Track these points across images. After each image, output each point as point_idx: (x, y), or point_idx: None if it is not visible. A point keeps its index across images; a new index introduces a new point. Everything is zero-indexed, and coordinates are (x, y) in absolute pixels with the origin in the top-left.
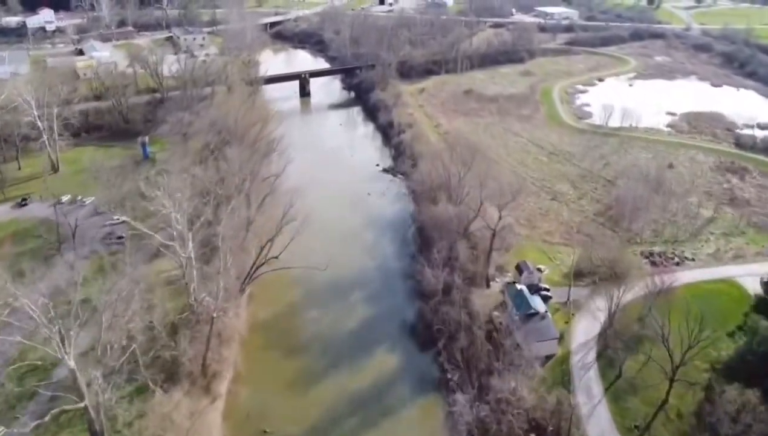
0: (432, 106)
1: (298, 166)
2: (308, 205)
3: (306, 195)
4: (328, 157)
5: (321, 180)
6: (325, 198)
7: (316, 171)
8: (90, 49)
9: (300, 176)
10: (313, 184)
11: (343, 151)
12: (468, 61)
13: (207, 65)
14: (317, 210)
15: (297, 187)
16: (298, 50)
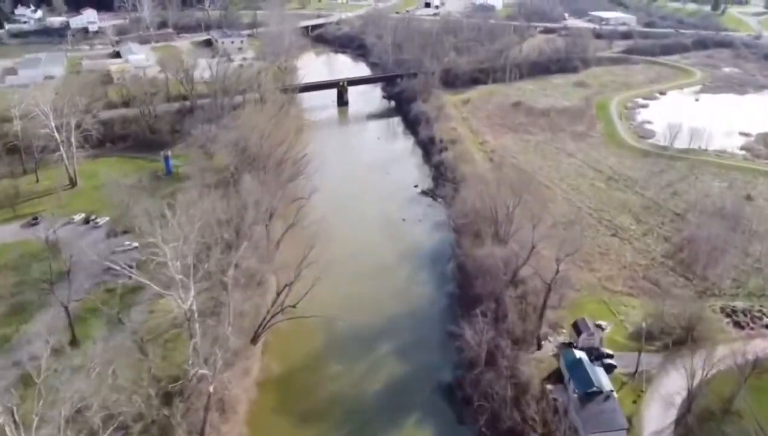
0: (477, 120)
1: (329, 185)
2: (336, 234)
3: (335, 219)
4: (362, 174)
5: (353, 201)
6: (355, 223)
7: (349, 190)
8: (126, 52)
9: (331, 196)
10: (344, 206)
11: (379, 168)
12: (517, 70)
13: (240, 72)
14: (346, 238)
15: (325, 212)
16: (338, 55)
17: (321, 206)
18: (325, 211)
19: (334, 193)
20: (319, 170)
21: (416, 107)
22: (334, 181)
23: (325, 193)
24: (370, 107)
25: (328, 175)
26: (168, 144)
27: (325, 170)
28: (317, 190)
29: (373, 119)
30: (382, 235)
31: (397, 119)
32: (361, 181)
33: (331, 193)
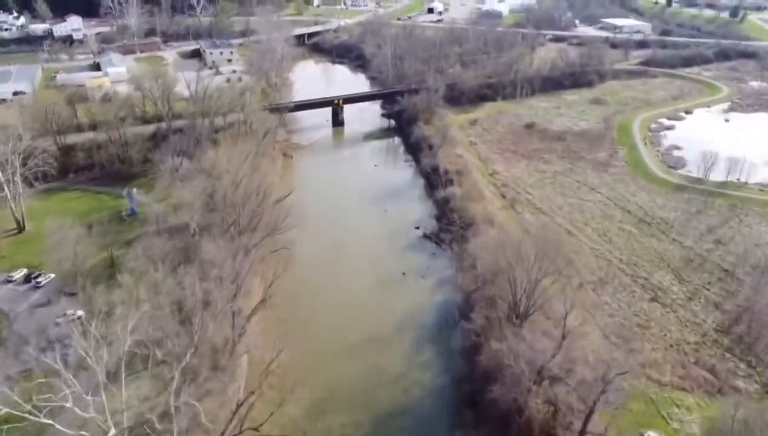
0: (486, 144)
1: (317, 227)
2: (321, 294)
3: (321, 274)
4: (356, 212)
5: (344, 248)
6: (345, 279)
7: (340, 233)
8: (106, 64)
9: (318, 242)
10: (333, 255)
11: (375, 203)
12: (528, 86)
13: (222, 90)
14: (332, 301)
15: (309, 267)
16: (336, 65)
17: (305, 256)
18: (309, 264)
19: (322, 237)
20: (306, 209)
21: (418, 130)
22: (323, 221)
23: (312, 238)
24: (367, 127)
25: (316, 214)
26: (138, 175)
27: (313, 208)
28: (301, 234)
29: (371, 141)
30: (377, 295)
31: (398, 141)
32: (355, 220)
33: (319, 237)
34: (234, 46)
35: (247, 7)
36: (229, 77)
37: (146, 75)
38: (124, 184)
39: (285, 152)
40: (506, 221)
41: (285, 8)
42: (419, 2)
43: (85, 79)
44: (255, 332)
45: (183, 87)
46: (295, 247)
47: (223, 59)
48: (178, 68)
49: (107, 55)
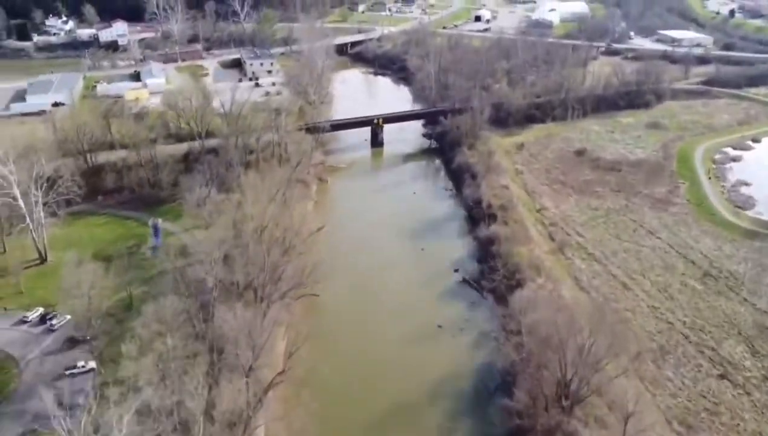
0: (533, 174)
1: (348, 267)
2: (346, 352)
3: (348, 324)
4: (391, 249)
5: (375, 292)
6: (374, 330)
7: (372, 274)
8: (146, 74)
9: (346, 286)
10: (362, 301)
11: (412, 238)
12: (580, 107)
13: (256, 110)
14: (357, 362)
15: (336, 316)
16: (378, 77)
17: (333, 303)
18: (336, 313)
19: (353, 279)
20: (337, 246)
21: (460, 156)
22: (355, 260)
23: (342, 281)
24: (408, 147)
25: (347, 251)
26: (167, 200)
27: (345, 244)
28: (331, 274)
29: (411, 164)
30: (409, 352)
31: (439, 164)
32: (389, 259)
33: (350, 279)
34: (274, 57)
35: (291, 13)
36: (268, 90)
37: (183, 89)
38: (153, 210)
39: (320, 177)
40: (555, 269)
41: (329, 14)
42: (466, 10)
43: (124, 89)
44: (273, 399)
45: (218, 102)
46: (323, 292)
47: (263, 70)
48: (218, 78)
49: (147, 64)
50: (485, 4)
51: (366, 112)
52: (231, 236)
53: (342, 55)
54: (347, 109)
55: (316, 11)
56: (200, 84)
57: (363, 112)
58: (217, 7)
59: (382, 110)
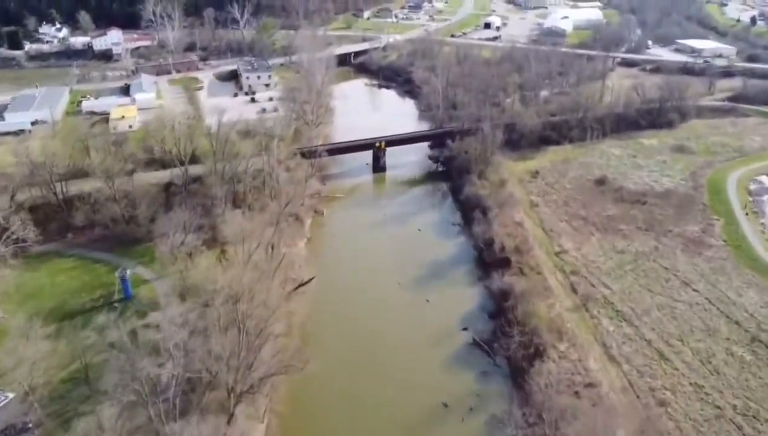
0: (550, 207)
1: (340, 327)
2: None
3: (338, 399)
4: (391, 301)
5: (370, 358)
6: (366, 415)
7: (367, 335)
8: (135, 88)
9: (337, 353)
10: (354, 373)
11: (416, 287)
12: (599, 127)
13: (246, 130)
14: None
15: (324, 390)
16: (382, 90)
17: (320, 377)
18: (322, 390)
19: (345, 342)
20: (329, 300)
21: (470, 187)
22: (348, 317)
23: (332, 346)
24: (412, 171)
25: (339, 307)
26: (143, 240)
27: (337, 296)
28: (319, 335)
29: (416, 192)
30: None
31: (447, 191)
32: (389, 315)
33: (342, 342)
34: (272, 69)
35: (294, 20)
36: (264, 106)
37: (167, 114)
38: (127, 250)
39: (316, 208)
40: (579, 331)
41: (333, 21)
42: (475, 16)
43: (110, 106)
44: None
45: (213, 117)
46: (310, 362)
47: (260, 84)
48: (213, 92)
49: (138, 76)
50: (495, 10)
51: (368, 126)
52: (200, 305)
53: (345, 66)
54: (348, 126)
55: (319, 18)
56: (193, 98)
57: (365, 127)
58: (216, 14)
59: (385, 126)
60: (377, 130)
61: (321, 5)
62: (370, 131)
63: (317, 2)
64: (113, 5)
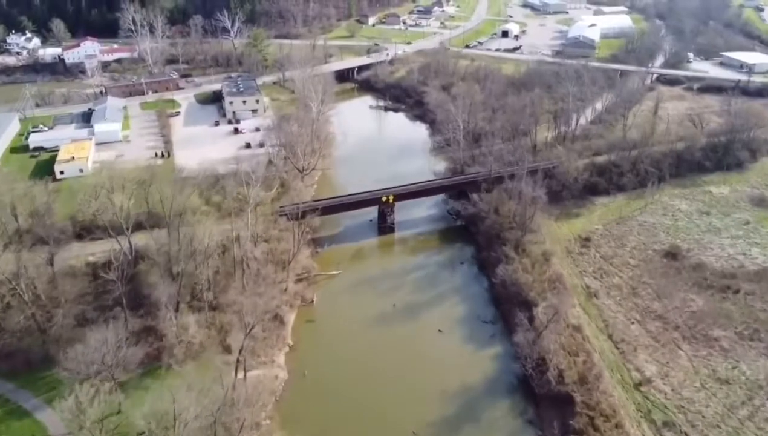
0: (613, 297)
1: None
2: None
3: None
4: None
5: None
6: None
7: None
8: (98, 116)
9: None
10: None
11: (442, 428)
12: (656, 170)
13: (216, 183)
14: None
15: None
16: (389, 113)
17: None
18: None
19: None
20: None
21: (505, 266)
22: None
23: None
24: (427, 230)
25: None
26: (60, 361)
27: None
28: None
29: (433, 264)
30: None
31: (471, 260)
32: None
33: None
34: (261, 92)
35: (291, 27)
36: (248, 140)
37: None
38: (33, 376)
39: (303, 296)
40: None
41: (335, 28)
42: (490, 23)
43: (63, 140)
44: None
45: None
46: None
47: (246, 109)
48: (191, 119)
49: (104, 100)
50: (511, 16)
51: (373, 163)
52: None
53: (346, 81)
54: (349, 162)
55: (319, 25)
56: (166, 128)
57: (369, 164)
58: (204, 22)
59: (393, 166)
60: (383, 170)
61: (321, 11)
62: (375, 171)
63: (317, 8)
64: (92, 12)
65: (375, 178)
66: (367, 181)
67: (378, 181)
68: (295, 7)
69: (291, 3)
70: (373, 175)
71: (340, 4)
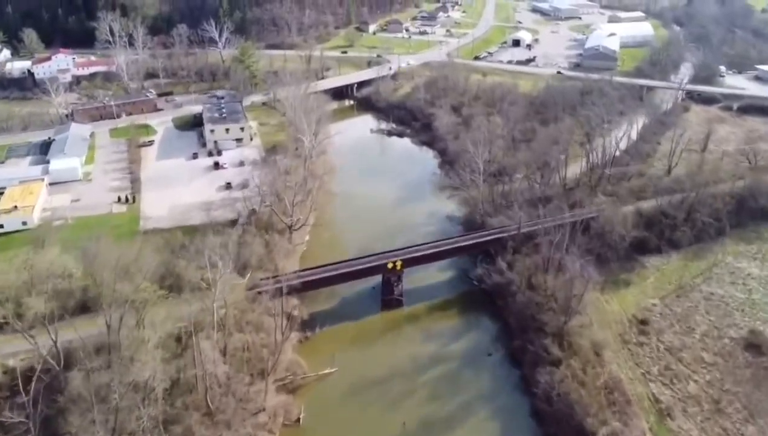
0: (692, 418)
1: None
2: None
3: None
4: None
5: None
6: None
7: None
8: (57, 148)
9: None
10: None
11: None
12: (713, 221)
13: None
14: None
15: None
16: (393, 138)
17: None
18: None
19: None
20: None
21: (546, 371)
22: None
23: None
24: (442, 301)
25: None
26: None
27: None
28: None
29: (452, 355)
30: None
31: (499, 347)
32: None
33: None
34: (245, 119)
35: (285, 36)
36: (230, 180)
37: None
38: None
39: (287, 413)
40: None
41: (333, 37)
42: (499, 30)
43: (10, 181)
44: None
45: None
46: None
47: (230, 139)
48: (166, 150)
49: (67, 127)
50: (521, 22)
51: (375, 204)
52: None
53: (345, 98)
54: (346, 203)
55: (315, 34)
56: (136, 162)
57: (370, 207)
58: (190, 32)
59: (396, 205)
60: (387, 217)
61: (318, 19)
62: (377, 218)
63: (313, 15)
64: (69, 19)
65: (377, 228)
66: (368, 233)
67: (381, 233)
68: (289, 15)
69: (285, 10)
70: (375, 224)
71: (339, 11)
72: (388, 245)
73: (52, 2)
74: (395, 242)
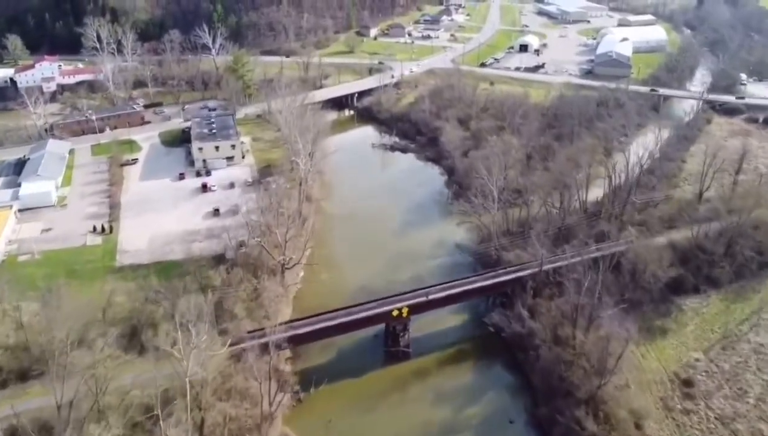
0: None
1: None
2: None
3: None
4: None
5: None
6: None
7: None
8: (30, 169)
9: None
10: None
11: None
12: (754, 255)
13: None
14: None
15: None
16: (396, 153)
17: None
18: None
19: None
20: None
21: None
22: None
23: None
24: (453, 351)
25: None
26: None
27: None
28: None
29: (469, 416)
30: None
31: (522, 412)
32: None
33: None
34: (237, 135)
35: (282, 42)
36: (218, 205)
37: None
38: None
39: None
40: None
41: (332, 42)
42: (505, 34)
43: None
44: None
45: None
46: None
47: (220, 157)
48: (151, 170)
49: (44, 144)
50: (527, 25)
51: (376, 234)
52: None
53: (344, 108)
54: (344, 231)
55: (314, 39)
56: (117, 184)
57: (371, 238)
58: (181, 38)
59: (400, 232)
60: (389, 248)
61: (317, 23)
62: (378, 249)
63: (312, 19)
64: (56, 24)
65: (380, 262)
66: (369, 267)
67: (384, 267)
68: (286, 19)
69: (282, 14)
70: (377, 257)
71: (338, 15)
72: (391, 280)
73: (38, 7)
74: (400, 276)
